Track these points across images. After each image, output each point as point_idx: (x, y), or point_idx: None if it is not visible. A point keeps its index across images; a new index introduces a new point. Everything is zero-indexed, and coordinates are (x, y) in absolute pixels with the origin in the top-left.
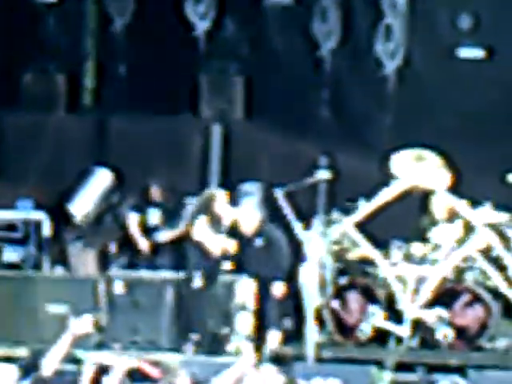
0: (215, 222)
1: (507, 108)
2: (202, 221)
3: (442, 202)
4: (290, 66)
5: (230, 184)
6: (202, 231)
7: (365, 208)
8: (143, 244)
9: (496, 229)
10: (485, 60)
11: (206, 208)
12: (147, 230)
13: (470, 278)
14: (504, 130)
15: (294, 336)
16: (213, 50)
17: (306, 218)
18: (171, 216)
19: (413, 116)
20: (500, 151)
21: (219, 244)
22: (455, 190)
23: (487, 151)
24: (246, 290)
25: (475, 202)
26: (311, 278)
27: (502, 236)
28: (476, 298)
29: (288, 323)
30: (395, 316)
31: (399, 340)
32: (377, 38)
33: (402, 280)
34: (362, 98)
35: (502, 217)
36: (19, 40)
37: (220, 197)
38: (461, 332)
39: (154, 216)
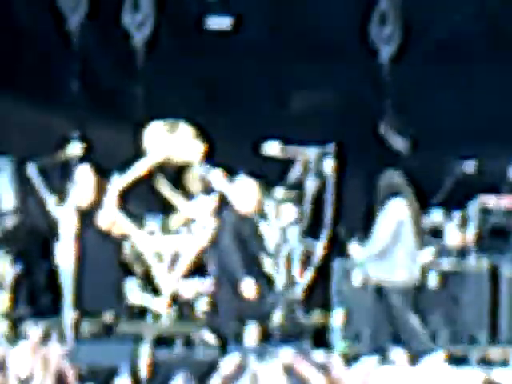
0: None
1: (256, 75)
2: None
3: (197, 174)
4: (38, 41)
5: None
6: None
7: (119, 181)
8: None
9: None
10: (233, 30)
11: None
12: None
13: None
14: (253, 96)
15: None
16: None
17: (60, 193)
18: None
19: (163, 88)
20: (251, 120)
21: None
22: (209, 161)
23: (238, 121)
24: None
25: (230, 173)
26: (67, 255)
27: None
28: None
29: (45, 299)
30: (153, 290)
31: (157, 315)
32: (124, 10)
33: (158, 253)
34: (112, 71)
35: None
36: None
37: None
38: None
39: None
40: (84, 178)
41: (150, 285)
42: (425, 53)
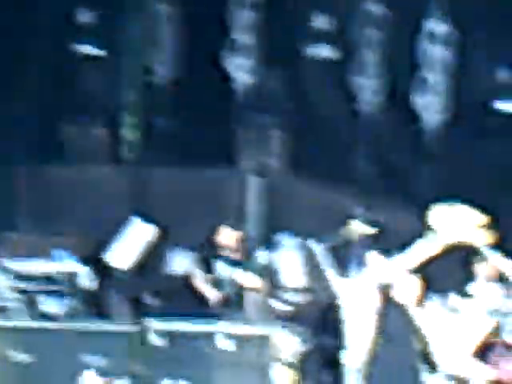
0: None
1: None
2: None
3: (485, 260)
4: (330, 119)
5: (268, 237)
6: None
7: (404, 262)
8: (213, 296)
9: None
10: None
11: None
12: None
13: (506, 331)
14: None
15: None
16: (252, 102)
17: (345, 271)
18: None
19: (452, 170)
20: None
21: None
22: (497, 246)
23: None
24: (286, 343)
25: None
26: (356, 333)
27: None
28: None
29: (328, 377)
30: (430, 368)
31: None
32: (415, 91)
33: (439, 331)
34: (401, 151)
35: None
36: (59, 92)
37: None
38: None
39: (222, 268)
40: (374, 262)
41: (429, 363)
42: None
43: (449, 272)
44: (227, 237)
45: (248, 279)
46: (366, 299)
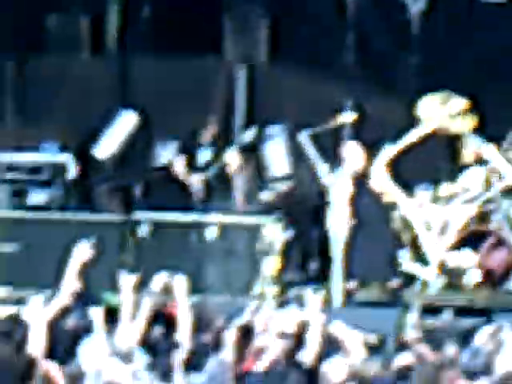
0: None
1: None
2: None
3: (470, 145)
4: (315, 8)
5: (255, 126)
6: None
7: (390, 150)
8: (195, 185)
9: None
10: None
11: None
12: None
13: (495, 220)
14: None
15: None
16: None
17: (331, 161)
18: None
19: (437, 60)
20: None
21: None
22: (481, 132)
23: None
24: (271, 232)
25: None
26: (338, 222)
27: None
28: (501, 241)
29: (315, 265)
30: (421, 259)
31: (425, 283)
32: None
33: (427, 222)
34: (387, 42)
35: None
36: None
37: None
38: (486, 274)
39: (205, 156)
40: (353, 152)
41: (418, 253)
42: None
43: (435, 161)
44: (210, 133)
45: (233, 159)
46: (348, 188)
